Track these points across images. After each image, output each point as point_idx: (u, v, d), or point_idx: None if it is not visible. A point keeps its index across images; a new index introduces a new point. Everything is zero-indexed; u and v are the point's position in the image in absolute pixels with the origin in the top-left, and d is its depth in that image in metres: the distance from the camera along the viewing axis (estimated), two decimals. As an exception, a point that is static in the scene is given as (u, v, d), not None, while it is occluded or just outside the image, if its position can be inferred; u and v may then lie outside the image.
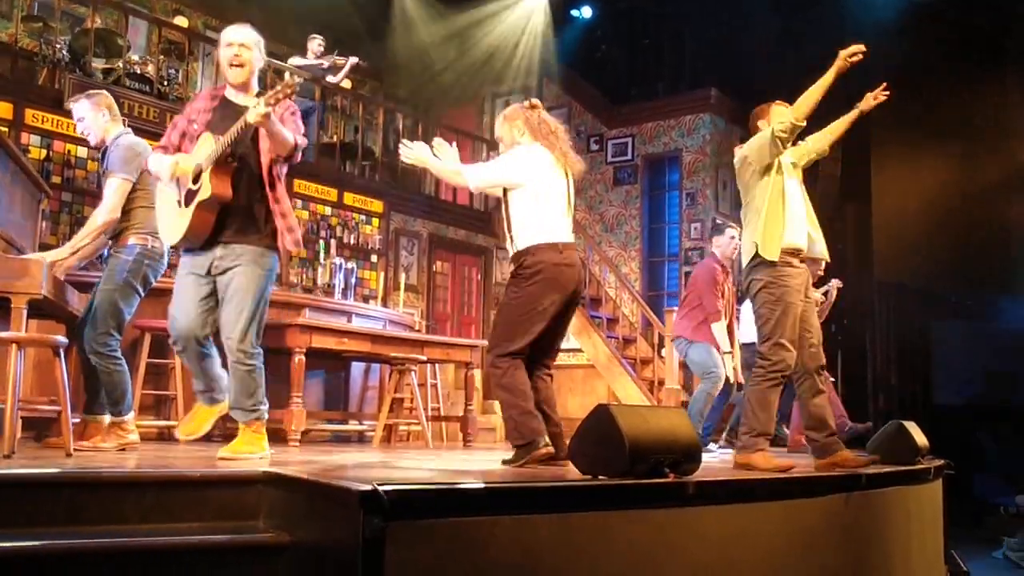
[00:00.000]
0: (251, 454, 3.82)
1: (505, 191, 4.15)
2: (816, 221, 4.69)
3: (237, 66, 3.92)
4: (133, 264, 4.30)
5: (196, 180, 3.72)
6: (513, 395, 3.88)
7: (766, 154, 4.43)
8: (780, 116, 4.49)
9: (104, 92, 4.65)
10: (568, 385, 11.13)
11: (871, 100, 4.92)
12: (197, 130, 3.83)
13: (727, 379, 6.50)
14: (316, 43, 10.47)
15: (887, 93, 4.79)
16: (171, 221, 3.85)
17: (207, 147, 3.75)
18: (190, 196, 3.74)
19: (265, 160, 3.82)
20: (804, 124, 4.46)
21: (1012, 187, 11.03)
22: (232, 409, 4.00)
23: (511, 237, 4.10)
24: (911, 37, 10.60)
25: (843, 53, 4.44)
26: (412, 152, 4.37)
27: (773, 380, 4.30)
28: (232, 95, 3.96)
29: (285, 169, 3.97)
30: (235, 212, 3.78)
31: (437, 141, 4.43)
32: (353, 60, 10.61)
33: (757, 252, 4.37)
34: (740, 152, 4.63)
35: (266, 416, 4.04)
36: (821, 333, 4.59)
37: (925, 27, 10.66)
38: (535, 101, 4.32)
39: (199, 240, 3.77)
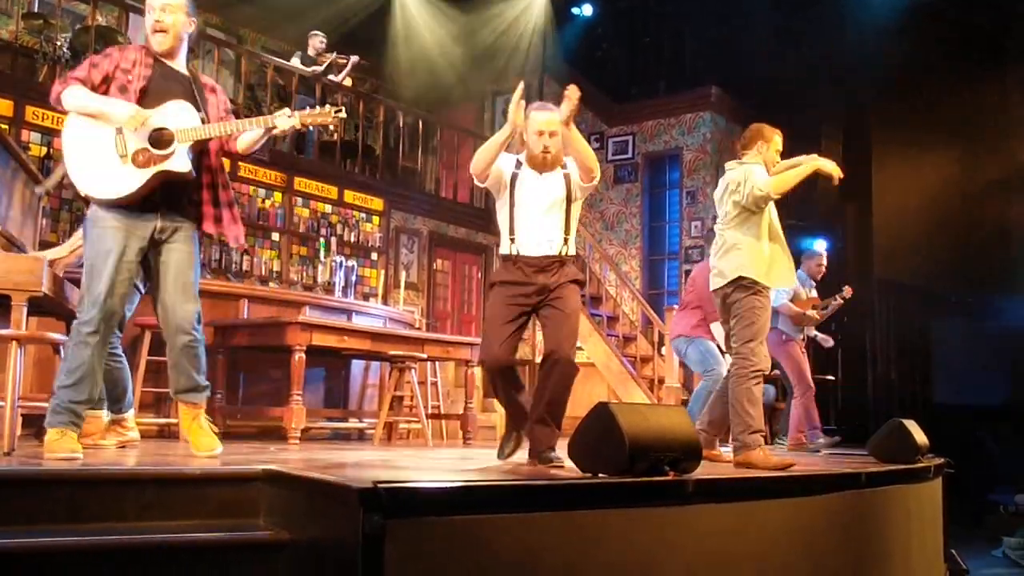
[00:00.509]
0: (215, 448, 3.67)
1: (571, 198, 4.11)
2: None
3: (160, 31, 3.65)
4: (134, 262, 4.28)
5: (158, 144, 3.52)
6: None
7: (752, 207, 4.61)
8: (760, 181, 4.57)
9: None
10: (568, 383, 11.12)
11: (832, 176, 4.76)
12: (133, 85, 3.58)
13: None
14: (318, 40, 10.48)
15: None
16: (107, 173, 3.51)
17: (184, 117, 3.59)
18: (148, 158, 3.51)
19: (216, 145, 3.79)
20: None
21: (1012, 186, 11.03)
22: (191, 392, 3.72)
23: (568, 240, 4.10)
24: (911, 36, 10.60)
25: (824, 163, 4.63)
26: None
27: (756, 378, 4.46)
28: (164, 58, 3.72)
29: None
30: (183, 188, 3.66)
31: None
32: (354, 59, 10.62)
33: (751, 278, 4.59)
34: (732, 185, 4.69)
35: None
36: None
37: (925, 26, 10.65)
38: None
39: (135, 203, 3.53)
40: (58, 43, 8.49)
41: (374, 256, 10.38)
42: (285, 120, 3.71)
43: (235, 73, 10.98)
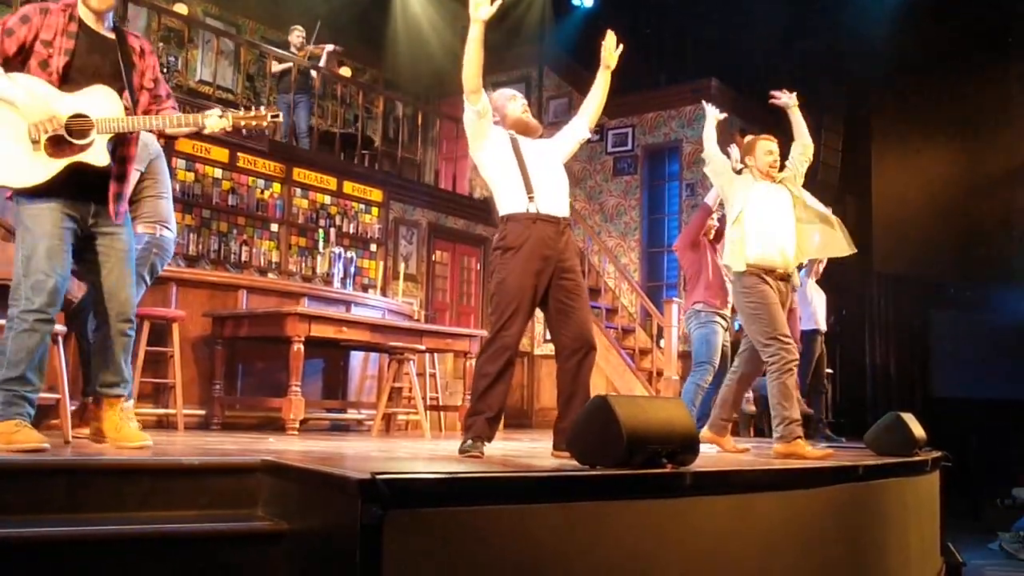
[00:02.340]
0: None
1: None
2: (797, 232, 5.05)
3: None
4: (142, 253, 4.27)
5: (76, 133, 3.27)
6: None
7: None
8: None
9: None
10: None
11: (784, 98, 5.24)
12: (55, 61, 3.30)
13: (722, 363, 6.40)
14: (295, 35, 10.41)
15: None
16: (15, 158, 3.24)
17: (106, 106, 3.36)
18: (65, 146, 3.27)
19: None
20: None
21: (1013, 179, 11.03)
22: (118, 385, 3.53)
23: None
24: (912, 29, 10.59)
25: None
26: None
27: (788, 371, 4.67)
28: (91, 21, 3.41)
29: None
30: (104, 178, 3.43)
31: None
32: (329, 47, 10.56)
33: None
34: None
35: None
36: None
37: (926, 19, 10.64)
38: None
39: (43, 191, 3.27)
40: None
41: (373, 247, 10.37)
42: (215, 120, 3.54)
43: (234, 63, 10.96)
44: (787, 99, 5.20)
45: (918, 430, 5.22)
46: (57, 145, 3.27)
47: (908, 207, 11.35)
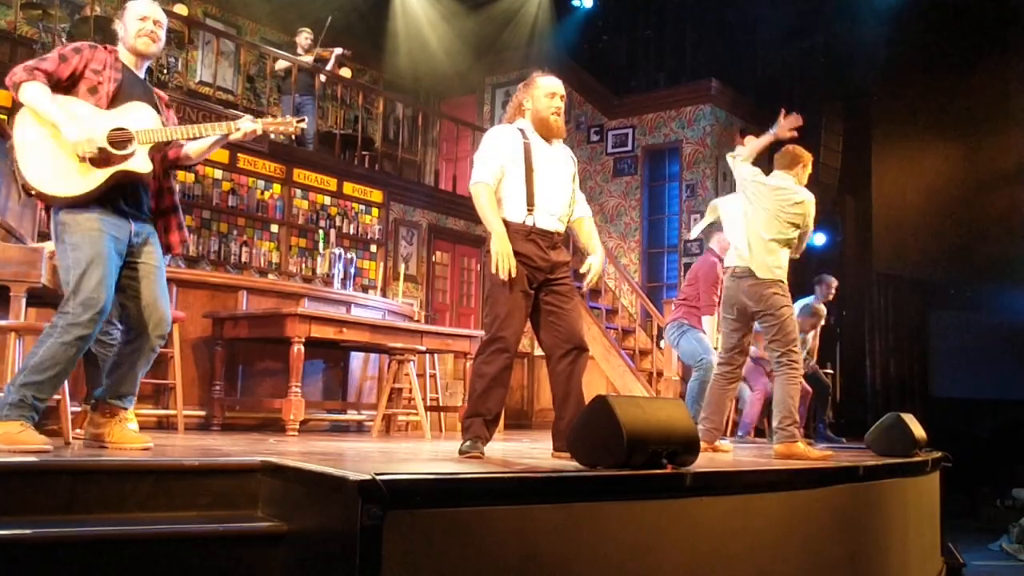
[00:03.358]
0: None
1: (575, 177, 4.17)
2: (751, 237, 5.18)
3: (154, 41, 3.62)
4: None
5: (117, 145, 3.42)
6: None
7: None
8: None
9: None
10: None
11: (786, 129, 5.25)
12: (105, 88, 3.49)
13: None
14: (303, 36, 10.43)
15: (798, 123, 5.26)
16: (63, 170, 3.38)
17: (144, 118, 3.52)
18: (106, 157, 3.41)
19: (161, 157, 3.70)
20: None
21: (1012, 179, 11.03)
22: (130, 397, 3.62)
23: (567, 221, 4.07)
24: (912, 28, 10.59)
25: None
26: None
27: (795, 376, 4.95)
28: (131, 64, 3.63)
29: None
30: (143, 192, 3.59)
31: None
32: (338, 51, 10.58)
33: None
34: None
35: None
36: None
37: (926, 18, 10.64)
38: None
39: (92, 202, 3.41)
40: (57, 33, 8.46)
41: (373, 248, 10.37)
42: (248, 124, 3.64)
43: (234, 64, 10.97)
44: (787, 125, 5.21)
45: (918, 430, 5.22)
46: (101, 159, 3.41)
47: (908, 207, 11.35)
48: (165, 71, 9.18)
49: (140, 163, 3.45)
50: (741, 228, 5.21)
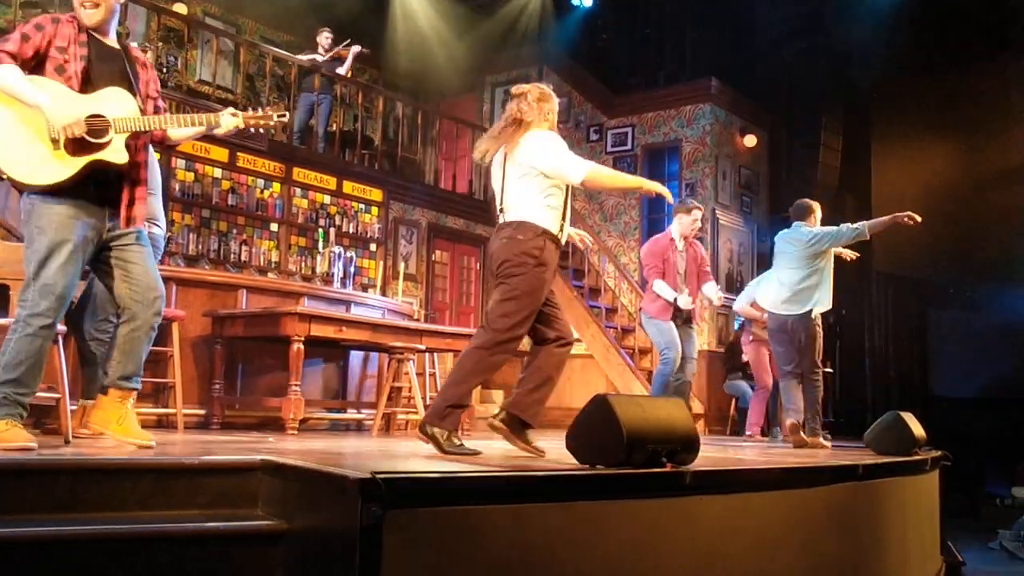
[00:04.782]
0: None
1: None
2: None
3: (92, 7, 3.45)
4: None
5: (93, 133, 3.35)
6: None
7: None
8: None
9: None
10: (566, 375, 11.07)
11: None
12: (72, 67, 3.39)
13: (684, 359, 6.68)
14: (324, 36, 10.48)
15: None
16: (37, 157, 3.31)
17: (122, 106, 3.44)
18: (83, 146, 3.34)
19: (146, 138, 3.63)
20: None
21: (1012, 179, 11.02)
22: (133, 378, 3.57)
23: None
24: (911, 27, 10.58)
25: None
26: None
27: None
28: (97, 32, 3.51)
29: None
30: (116, 182, 3.50)
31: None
32: (356, 49, 10.61)
33: None
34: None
35: None
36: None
37: (926, 19, 10.63)
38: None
39: (66, 191, 3.34)
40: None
41: (373, 247, 10.37)
42: (229, 119, 3.64)
43: (234, 63, 10.96)
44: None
45: (918, 429, 5.22)
46: (76, 145, 3.33)
47: (908, 206, 11.29)
48: (165, 69, 9.18)
49: (116, 154, 3.40)
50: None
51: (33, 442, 3.12)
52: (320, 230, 9.64)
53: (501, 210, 4.03)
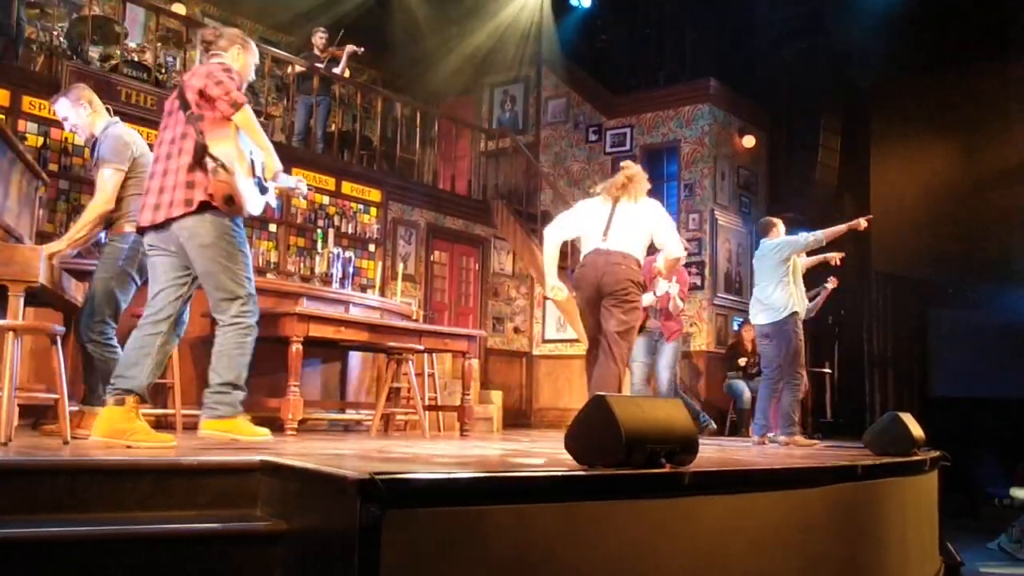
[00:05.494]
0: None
1: None
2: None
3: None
4: (129, 252, 4.30)
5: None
6: None
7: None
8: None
9: (81, 84, 4.65)
10: (565, 375, 11.14)
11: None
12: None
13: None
14: (318, 36, 10.49)
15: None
16: (251, 188, 3.91)
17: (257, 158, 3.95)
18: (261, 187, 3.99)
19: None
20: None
21: (1011, 179, 11.03)
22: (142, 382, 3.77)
23: None
24: (911, 27, 10.59)
25: None
26: None
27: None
28: None
29: None
30: None
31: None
32: (350, 49, 10.60)
33: None
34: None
35: None
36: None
37: (926, 19, 10.63)
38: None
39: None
40: (55, 33, 8.46)
41: (372, 247, 10.37)
42: (298, 188, 4.59)
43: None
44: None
45: (916, 430, 5.22)
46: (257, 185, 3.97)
47: (907, 207, 11.34)
48: (163, 70, 9.18)
49: (271, 198, 4.11)
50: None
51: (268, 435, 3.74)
52: (319, 231, 9.64)
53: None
